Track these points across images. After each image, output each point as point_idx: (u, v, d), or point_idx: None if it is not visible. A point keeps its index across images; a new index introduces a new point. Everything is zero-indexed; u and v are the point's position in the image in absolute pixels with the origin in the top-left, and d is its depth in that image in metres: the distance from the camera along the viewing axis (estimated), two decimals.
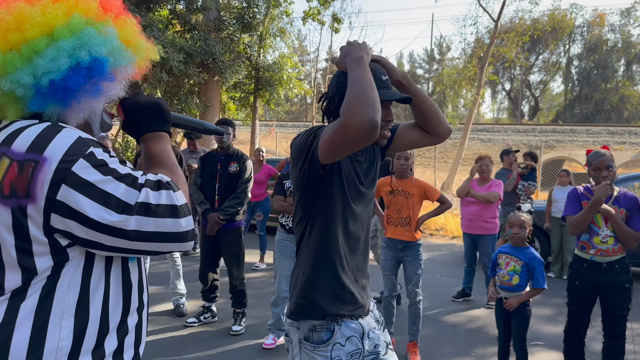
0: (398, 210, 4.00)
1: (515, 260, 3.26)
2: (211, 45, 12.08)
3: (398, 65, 51.71)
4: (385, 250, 4.13)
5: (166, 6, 12.97)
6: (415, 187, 4.01)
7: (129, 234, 0.99)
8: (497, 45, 17.12)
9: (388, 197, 4.06)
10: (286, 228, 3.97)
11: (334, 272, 1.69)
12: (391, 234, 4.07)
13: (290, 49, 18.16)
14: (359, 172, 1.74)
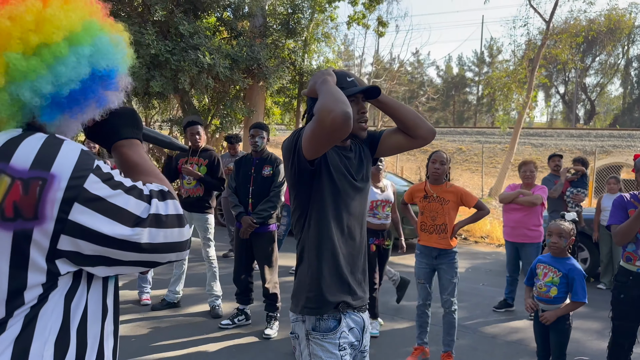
0: (432, 217, 3.90)
1: (554, 271, 3.10)
2: (256, 51, 12.24)
3: (447, 68, 50.86)
4: (419, 257, 4.04)
5: (214, 14, 13.27)
6: (451, 192, 3.90)
7: (142, 247, 0.96)
8: (549, 47, 16.54)
9: (422, 203, 3.97)
10: None
11: (331, 263, 1.80)
12: (425, 241, 3.97)
13: (335, 53, 18.21)
14: (349, 167, 1.86)
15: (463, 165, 22.23)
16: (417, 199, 4.03)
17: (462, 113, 49.95)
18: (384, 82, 20.43)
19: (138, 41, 11.17)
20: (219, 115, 13.39)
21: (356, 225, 1.87)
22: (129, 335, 4.25)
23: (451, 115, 48.88)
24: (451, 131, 28.18)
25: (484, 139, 25.09)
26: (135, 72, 11.08)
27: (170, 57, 11.34)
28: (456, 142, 25.26)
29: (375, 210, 4.44)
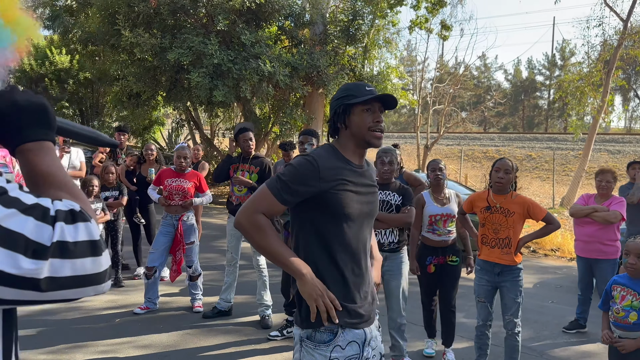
0: (495, 230, 3.61)
1: (634, 294, 2.76)
2: (316, 58, 12.24)
3: (516, 72, 48.92)
4: (479, 273, 3.75)
5: (275, 23, 13.41)
6: (517, 203, 3.57)
7: (41, 284, 0.77)
8: (626, 47, 15.45)
9: (483, 214, 3.67)
10: (384, 247, 3.77)
11: (334, 282, 1.81)
12: (486, 255, 3.68)
13: (396, 59, 17.91)
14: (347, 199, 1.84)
15: (533, 173, 21.19)
16: (477, 209, 3.72)
17: (532, 118, 47.84)
18: (447, 87, 19.87)
19: (202, 51, 11.45)
20: (279, 122, 13.48)
21: (360, 241, 1.89)
22: (178, 343, 4.24)
23: (520, 121, 46.93)
24: (520, 137, 27.00)
25: (556, 145, 23.84)
26: (199, 82, 11.37)
27: (233, 66, 11.54)
28: (525, 149, 24.16)
29: (434, 225, 4.05)
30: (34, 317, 4.67)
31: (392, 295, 3.76)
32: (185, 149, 5.12)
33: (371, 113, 1.88)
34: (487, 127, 41.23)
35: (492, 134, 29.36)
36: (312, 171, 1.77)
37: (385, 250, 3.73)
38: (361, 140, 1.87)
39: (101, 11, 13.16)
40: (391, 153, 3.79)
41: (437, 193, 4.12)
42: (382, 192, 3.73)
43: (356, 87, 1.90)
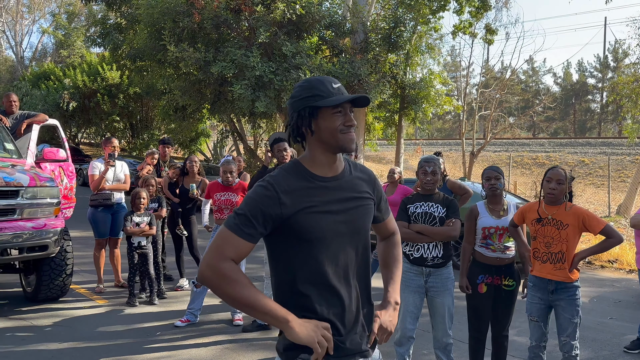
0: (547, 243, 3.34)
1: None
2: (357, 67, 12.15)
3: (565, 75, 47.24)
4: (531, 291, 3.49)
5: (316, 33, 13.45)
6: (571, 215, 3.30)
7: None
8: None
9: (535, 227, 3.42)
10: (410, 259, 3.57)
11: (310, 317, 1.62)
12: (538, 271, 3.42)
13: (439, 65, 17.60)
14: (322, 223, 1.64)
15: (586, 180, 20.27)
16: (528, 221, 3.47)
17: (584, 122, 46.00)
18: (493, 92, 19.35)
19: (244, 64, 11.59)
20: None
21: (339, 267, 1.66)
22: (218, 357, 4.20)
23: (571, 125, 45.19)
24: (572, 142, 25.96)
25: (610, 150, 22.76)
26: (242, 94, 11.50)
27: (274, 77, 11.62)
28: (578, 154, 23.18)
29: (488, 239, 3.67)
30: (76, 329, 4.74)
31: (436, 314, 3.55)
32: (230, 163, 5.16)
33: (342, 115, 1.64)
34: (536, 132, 39.93)
35: (541, 140, 28.38)
36: (270, 197, 1.57)
37: (429, 265, 3.52)
38: (332, 146, 1.64)
39: (148, 27, 13.57)
40: (434, 162, 3.58)
41: (493, 204, 3.77)
42: (425, 203, 3.55)
43: (321, 84, 1.65)
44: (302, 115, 1.64)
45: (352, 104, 1.67)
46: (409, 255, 3.58)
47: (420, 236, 3.48)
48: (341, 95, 1.64)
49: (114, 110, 22.69)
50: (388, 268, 1.91)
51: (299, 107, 1.64)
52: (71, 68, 23.28)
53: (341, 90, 1.66)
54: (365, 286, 1.75)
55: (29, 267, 5.49)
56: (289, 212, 1.58)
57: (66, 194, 6.47)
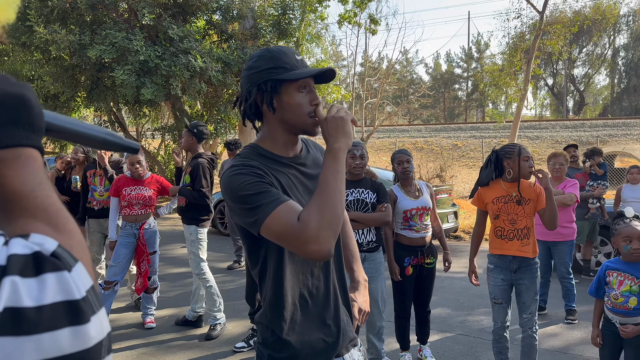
0: (512, 220, 3.33)
1: (632, 279, 2.71)
2: (248, 53, 11.87)
3: (435, 66, 50.67)
4: (493, 273, 3.42)
5: (203, 17, 12.87)
6: (533, 191, 3.33)
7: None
8: (542, 38, 16.34)
9: (497, 205, 3.38)
10: (362, 247, 3.53)
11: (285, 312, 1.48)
12: (503, 249, 3.35)
13: (325, 54, 17.86)
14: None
15: (460, 162, 21.95)
16: (489, 200, 3.42)
17: (452, 109, 49.84)
18: (372, 81, 20.13)
19: (126, 48, 10.75)
20: (213, 120, 12.98)
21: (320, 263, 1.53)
22: None
23: (442, 112, 48.72)
24: (445, 127, 27.95)
25: (479, 133, 24.88)
26: (125, 80, 10.67)
27: (161, 62, 10.93)
28: (451, 139, 25.02)
29: (410, 221, 3.73)
30: None
31: (370, 299, 3.47)
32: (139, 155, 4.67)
33: (308, 92, 1.44)
34: (411, 119, 42.40)
35: (419, 126, 30.19)
36: (256, 168, 1.38)
37: (364, 250, 3.49)
38: (295, 127, 1.45)
39: None
40: (362, 146, 3.55)
41: (407, 186, 3.85)
42: (356, 190, 3.50)
43: (284, 54, 1.42)
44: (263, 90, 1.42)
45: (315, 80, 1.47)
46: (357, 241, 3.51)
47: (354, 223, 3.42)
48: (307, 69, 1.43)
49: None
50: (347, 247, 1.78)
51: (259, 80, 1.41)
52: None
53: (304, 63, 1.46)
54: (340, 269, 1.62)
55: None
56: None
57: None
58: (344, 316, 1.59)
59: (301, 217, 1.24)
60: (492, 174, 3.46)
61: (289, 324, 1.47)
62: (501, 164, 3.41)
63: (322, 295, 1.51)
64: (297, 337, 1.47)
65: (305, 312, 1.49)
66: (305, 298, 1.49)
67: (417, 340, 4.01)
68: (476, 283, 3.58)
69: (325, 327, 1.51)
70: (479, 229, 3.58)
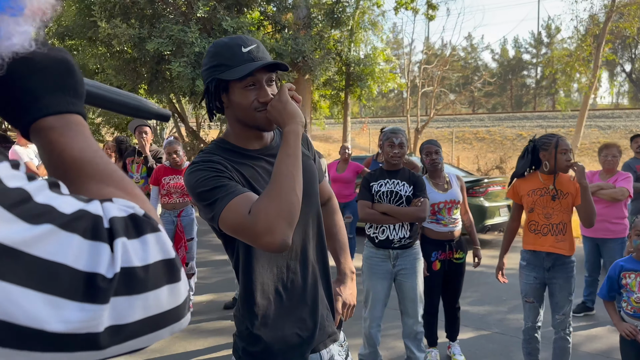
0: (547, 215, 3.14)
1: None
2: (300, 43, 11.90)
3: (502, 52, 48.72)
4: (525, 270, 3.25)
5: (257, 8, 13.01)
6: (572, 185, 3.12)
7: (99, 340, 0.48)
8: (614, 21, 15.25)
9: (532, 197, 3.20)
10: (375, 242, 3.29)
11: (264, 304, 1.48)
12: (536, 245, 3.17)
13: (382, 41, 17.60)
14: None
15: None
16: (524, 192, 3.24)
17: (520, 97, 47.80)
18: (435, 68, 19.60)
19: (182, 40, 11.07)
20: None
21: (296, 253, 1.49)
22: (165, 347, 3.97)
23: (509, 100, 46.85)
24: (510, 116, 26.86)
25: (546, 123, 23.70)
26: (181, 72, 11.00)
27: None
28: (516, 128, 24.01)
29: (438, 214, 3.58)
30: None
31: (406, 298, 3.27)
32: (173, 143, 4.80)
33: (256, 89, 1.36)
34: (476, 108, 41.10)
35: (481, 115, 29.21)
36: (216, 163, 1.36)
37: (396, 247, 3.24)
38: (250, 125, 1.42)
39: (76, 3, 12.71)
40: (401, 134, 3.30)
41: (435, 178, 3.68)
42: (390, 181, 3.25)
43: (228, 48, 1.35)
44: (209, 89, 1.40)
45: (269, 71, 1.38)
46: (374, 238, 3.30)
47: (385, 217, 3.19)
48: (250, 63, 1.34)
49: None
50: (334, 237, 1.74)
51: (206, 78, 1.40)
52: None
53: (254, 53, 1.35)
54: (322, 262, 1.57)
55: None
56: None
57: None
58: (324, 310, 1.55)
59: (252, 209, 1.21)
60: (528, 164, 3.28)
61: (261, 319, 1.46)
62: (538, 156, 3.22)
63: (299, 289, 1.49)
64: (269, 332, 1.46)
65: (279, 306, 1.47)
66: (279, 292, 1.47)
67: (446, 337, 3.90)
68: (503, 280, 3.42)
69: (300, 322, 1.48)
70: (513, 223, 3.41)
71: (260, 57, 1.36)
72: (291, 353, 1.47)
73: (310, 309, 1.50)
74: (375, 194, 3.25)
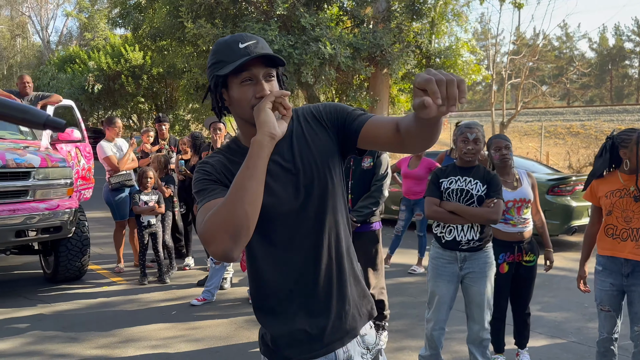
0: (627, 218, 2.90)
1: None
2: (379, 37, 11.76)
3: (601, 40, 45.29)
4: (601, 276, 3.00)
5: (336, 3, 13.03)
6: None
7: None
8: None
9: (611, 199, 2.97)
10: (441, 242, 3.11)
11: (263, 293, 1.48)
12: (614, 250, 2.93)
13: (467, 32, 17.00)
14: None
15: None
16: (602, 194, 3.00)
17: (621, 89, 44.16)
18: (524, 59, 18.60)
19: (262, 38, 11.35)
20: None
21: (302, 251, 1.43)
22: (231, 336, 4.10)
23: (608, 92, 43.46)
24: (608, 110, 24.90)
25: None
26: None
27: (293, 51, 11.34)
28: (614, 122, 22.22)
29: (506, 214, 3.34)
30: (93, 310, 4.72)
31: (472, 303, 3.10)
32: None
33: (252, 85, 1.32)
34: (570, 100, 38.54)
35: (576, 108, 27.32)
36: (204, 170, 1.40)
37: (464, 249, 3.05)
38: (249, 121, 1.36)
39: (166, 5, 13.40)
40: (477, 128, 3.09)
41: (504, 175, 3.42)
42: (462, 178, 3.05)
43: (226, 46, 1.33)
44: (211, 87, 1.39)
45: (266, 66, 1.32)
46: (440, 237, 3.12)
47: (453, 216, 3.00)
48: (240, 60, 1.29)
49: (138, 91, 22.77)
50: None
51: (208, 76, 1.40)
52: (95, 50, 23.41)
53: (251, 48, 1.31)
54: (339, 257, 1.45)
55: (47, 248, 5.50)
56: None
57: (84, 174, 6.44)
58: (341, 307, 1.47)
59: (206, 217, 1.25)
60: (607, 163, 3.01)
61: (269, 314, 1.47)
62: (617, 153, 2.94)
63: (310, 285, 1.44)
64: (276, 326, 1.46)
65: (287, 301, 1.44)
66: (288, 288, 1.44)
67: (514, 344, 3.69)
68: (585, 289, 3.17)
69: (310, 318, 1.44)
70: (593, 228, 3.14)
71: (257, 52, 1.31)
72: (297, 348, 1.45)
73: (324, 305, 1.45)
74: (444, 191, 3.08)
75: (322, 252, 1.44)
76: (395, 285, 5.43)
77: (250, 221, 1.21)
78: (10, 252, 5.38)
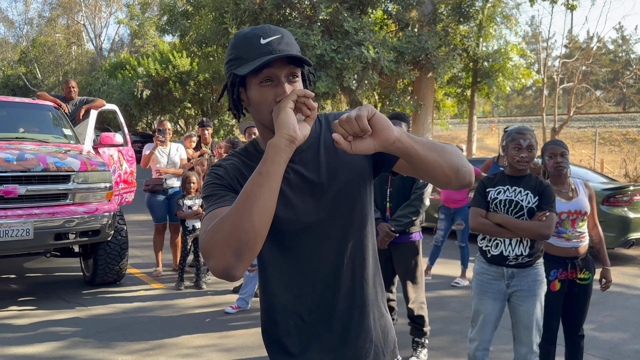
0: None
1: None
2: (424, 40, 11.50)
3: None
4: None
5: (380, 7, 12.86)
6: None
7: None
8: None
9: None
10: (487, 256, 2.88)
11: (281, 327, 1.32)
12: None
13: (517, 35, 16.47)
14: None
15: None
16: None
17: None
18: (577, 62, 17.82)
19: (304, 43, 11.28)
20: (385, 112, 12.94)
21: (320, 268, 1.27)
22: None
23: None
24: None
25: None
26: None
27: (335, 55, 11.24)
28: None
29: (560, 227, 3.08)
30: (128, 314, 4.70)
31: (519, 323, 2.87)
32: None
33: (273, 86, 1.15)
34: (627, 106, 36.73)
35: (633, 114, 25.97)
36: (215, 173, 1.25)
37: (511, 265, 2.83)
38: (267, 126, 1.21)
39: (212, 12, 13.61)
40: (530, 134, 2.87)
41: (559, 185, 3.14)
42: (511, 188, 2.84)
43: (245, 41, 1.17)
44: (227, 85, 1.24)
45: (292, 62, 1.16)
46: (486, 251, 2.90)
47: (500, 229, 2.78)
48: (265, 57, 1.13)
49: (185, 97, 23.26)
50: None
51: (226, 72, 1.24)
52: (145, 57, 24.09)
53: (274, 45, 1.15)
54: (362, 282, 1.29)
55: (87, 251, 5.55)
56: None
57: (126, 178, 6.51)
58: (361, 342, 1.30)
59: (209, 227, 1.09)
60: None
61: (275, 345, 1.31)
62: None
63: (327, 315, 1.27)
64: (287, 357, 1.29)
65: (299, 331, 1.28)
66: (300, 316, 1.27)
67: None
68: None
69: (323, 354, 1.28)
70: None
71: (280, 50, 1.15)
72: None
73: (340, 338, 1.27)
74: (490, 202, 2.86)
75: (343, 277, 1.26)
76: (437, 299, 5.18)
77: (258, 236, 1.05)
78: (51, 254, 5.45)
